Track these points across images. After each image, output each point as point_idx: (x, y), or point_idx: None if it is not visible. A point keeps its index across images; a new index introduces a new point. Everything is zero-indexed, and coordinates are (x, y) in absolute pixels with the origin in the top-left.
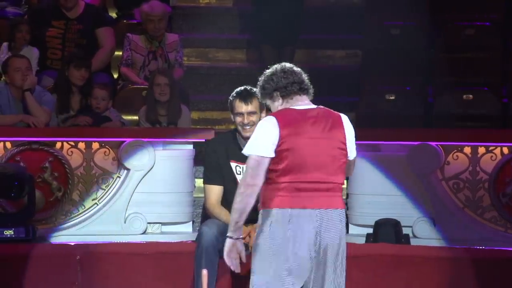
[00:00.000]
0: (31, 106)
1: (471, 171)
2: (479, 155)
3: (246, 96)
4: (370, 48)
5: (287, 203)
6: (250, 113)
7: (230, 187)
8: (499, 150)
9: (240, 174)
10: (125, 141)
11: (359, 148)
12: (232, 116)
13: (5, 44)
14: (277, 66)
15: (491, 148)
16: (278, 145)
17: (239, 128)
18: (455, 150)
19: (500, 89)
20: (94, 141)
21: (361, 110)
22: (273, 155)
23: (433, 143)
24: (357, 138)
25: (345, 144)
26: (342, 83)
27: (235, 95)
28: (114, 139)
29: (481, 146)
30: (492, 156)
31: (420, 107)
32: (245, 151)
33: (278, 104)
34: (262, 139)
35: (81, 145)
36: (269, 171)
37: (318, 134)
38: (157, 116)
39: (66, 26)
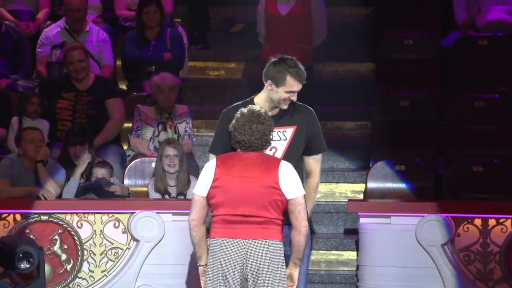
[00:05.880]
0: (43, 178)
1: (482, 243)
2: (489, 227)
3: (303, 76)
4: (379, 120)
5: (219, 233)
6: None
7: None
8: (510, 222)
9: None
10: (134, 212)
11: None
12: (274, 87)
13: (15, 118)
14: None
15: (501, 220)
16: (212, 185)
17: (281, 101)
18: (466, 222)
19: (511, 161)
20: (104, 213)
21: (372, 181)
22: (204, 194)
23: (444, 215)
24: (367, 210)
25: (277, 184)
26: (352, 154)
27: (291, 70)
28: (123, 210)
29: (491, 218)
30: (502, 228)
31: (430, 178)
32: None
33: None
34: (200, 180)
35: (91, 217)
36: (209, 206)
37: (249, 174)
38: (166, 187)
39: (76, 97)
